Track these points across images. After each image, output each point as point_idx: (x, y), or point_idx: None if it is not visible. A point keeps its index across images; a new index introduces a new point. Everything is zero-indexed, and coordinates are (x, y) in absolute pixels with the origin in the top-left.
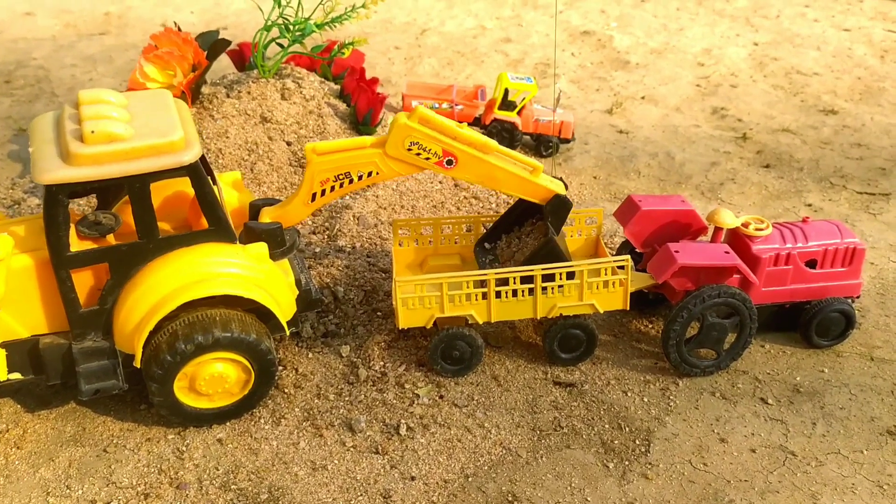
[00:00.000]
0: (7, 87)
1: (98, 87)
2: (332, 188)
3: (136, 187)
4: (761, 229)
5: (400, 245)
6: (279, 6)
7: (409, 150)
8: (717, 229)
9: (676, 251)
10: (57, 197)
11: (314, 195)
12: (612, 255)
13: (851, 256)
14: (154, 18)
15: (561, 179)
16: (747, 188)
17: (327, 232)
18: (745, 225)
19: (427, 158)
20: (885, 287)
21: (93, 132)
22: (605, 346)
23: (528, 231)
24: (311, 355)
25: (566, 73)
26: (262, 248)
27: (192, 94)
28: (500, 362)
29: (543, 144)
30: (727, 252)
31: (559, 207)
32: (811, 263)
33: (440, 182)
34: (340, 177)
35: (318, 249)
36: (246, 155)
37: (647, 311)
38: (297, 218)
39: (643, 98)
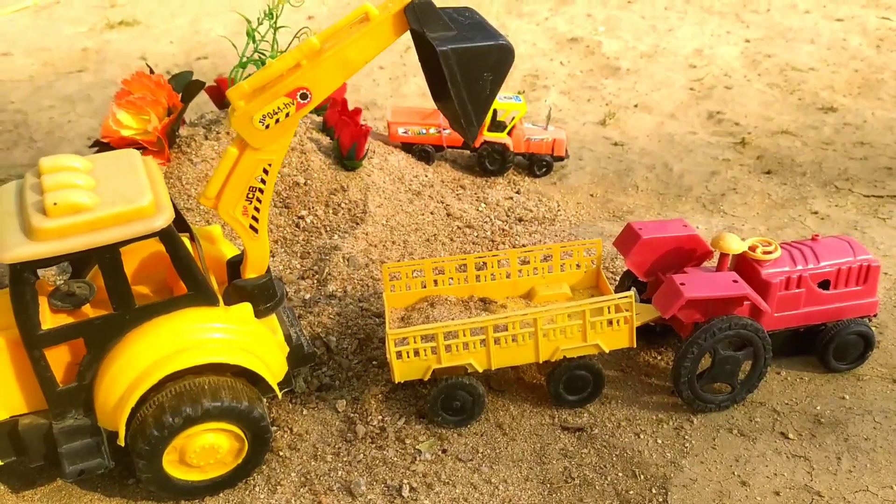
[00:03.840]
0: None
1: (75, 129)
2: (256, 209)
3: (105, 258)
4: (769, 252)
5: (392, 290)
6: (253, 41)
7: (266, 125)
8: (723, 255)
9: (682, 283)
10: (22, 275)
11: (251, 227)
12: (614, 285)
13: (866, 274)
14: (132, 52)
15: None
16: (750, 198)
17: (316, 276)
18: (752, 248)
19: (287, 115)
20: None
21: (55, 204)
22: (612, 382)
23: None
24: (305, 412)
25: (556, 83)
26: (246, 308)
27: (168, 138)
28: (504, 408)
29: (536, 164)
30: (735, 281)
31: (423, 13)
32: (824, 284)
33: (431, 213)
34: (250, 196)
35: (307, 296)
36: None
37: (654, 342)
38: (264, 256)
39: (636, 106)
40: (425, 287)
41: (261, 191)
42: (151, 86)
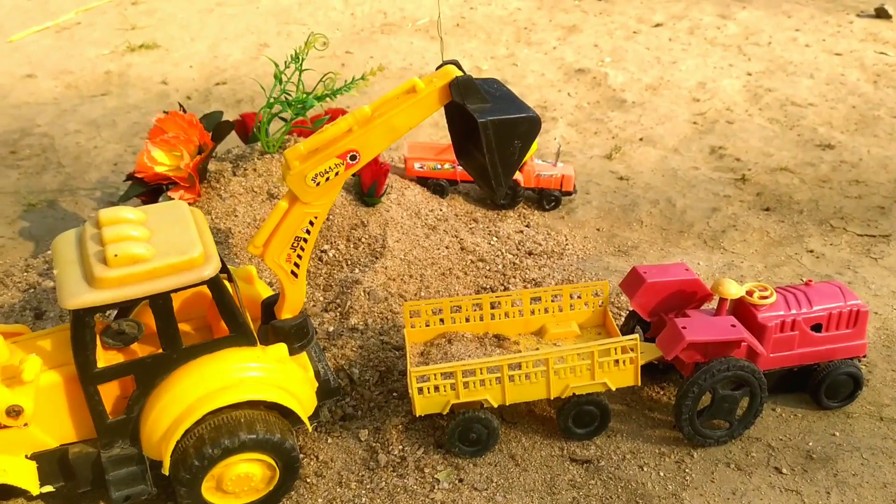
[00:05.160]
0: (13, 157)
1: (102, 155)
2: (299, 256)
3: (158, 303)
4: (765, 297)
5: (412, 327)
6: (280, 83)
7: (318, 182)
8: (722, 300)
9: (684, 327)
10: (84, 319)
11: (292, 272)
12: (619, 320)
13: (856, 318)
14: (153, 76)
15: (445, 63)
16: (749, 234)
17: (339, 309)
18: (750, 293)
19: (337, 174)
20: (890, 338)
21: (116, 255)
22: (618, 416)
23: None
24: (330, 440)
25: (564, 115)
26: (282, 349)
27: (199, 175)
28: (517, 439)
29: (546, 198)
30: (734, 325)
31: (464, 88)
32: (817, 327)
33: (446, 248)
34: (294, 245)
35: (331, 328)
36: (255, 233)
37: (657, 378)
38: (301, 298)
39: (641, 140)
40: (443, 324)
41: (305, 240)
42: (184, 125)
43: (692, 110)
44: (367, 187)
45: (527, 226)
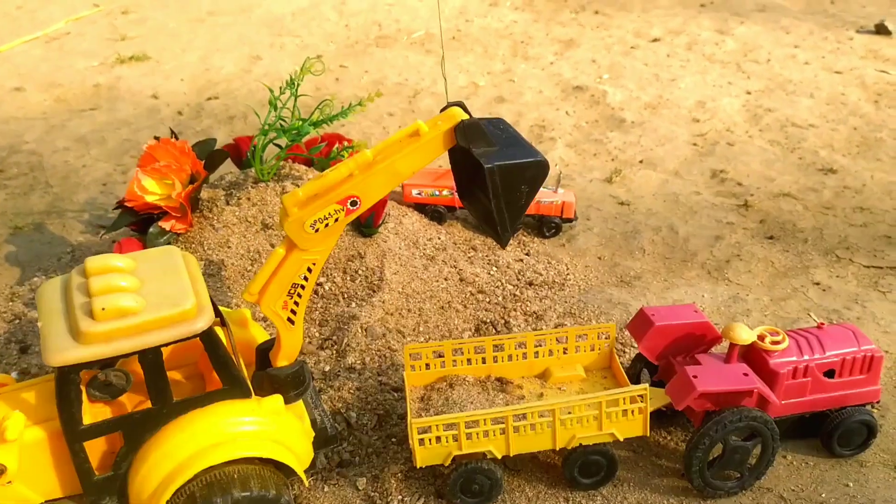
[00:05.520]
0: (0, 176)
1: (91, 174)
2: (296, 303)
3: (148, 358)
4: (777, 342)
5: (412, 370)
6: (275, 109)
7: (317, 229)
8: (733, 345)
9: (695, 376)
10: (69, 376)
11: (288, 319)
12: (623, 357)
13: (870, 364)
14: (143, 89)
15: (450, 105)
16: (754, 265)
17: (335, 346)
18: (761, 338)
19: (336, 220)
20: None
21: (103, 309)
22: (625, 463)
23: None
24: (326, 489)
25: (562, 135)
26: (277, 401)
27: (191, 204)
28: (520, 489)
29: (546, 225)
30: (746, 374)
31: (470, 132)
32: (829, 373)
33: (445, 279)
34: (291, 292)
35: (327, 368)
36: (249, 265)
37: (664, 423)
38: (297, 345)
39: (641, 162)
40: (444, 367)
41: (302, 287)
42: (175, 153)
43: (692, 131)
44: (364, 218)
45: (527, 254)
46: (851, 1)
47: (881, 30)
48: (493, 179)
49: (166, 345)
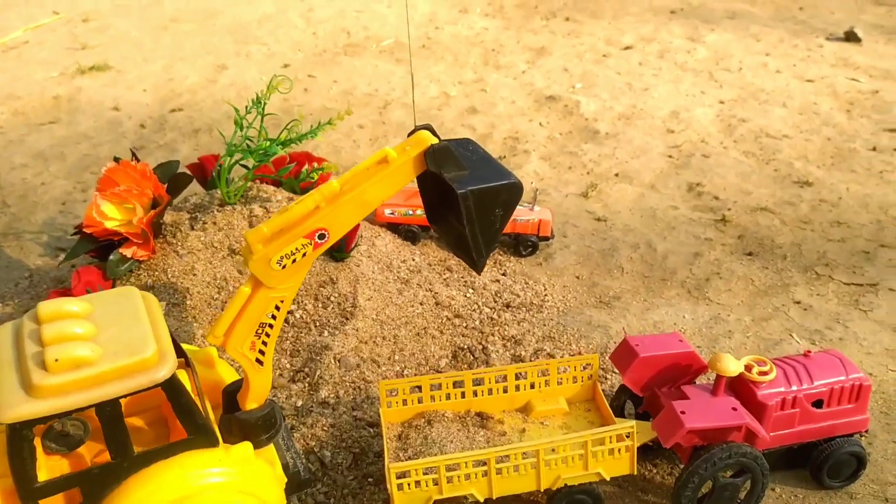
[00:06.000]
0: None
1: (49, 192)
2: (264, 343)
3: (106, 411)
4: (765, 372)
5: (388, 406)
6: (241, 129)
7: (283, 265)
8: (720, 376)
9: (682, 412)
10: (21, 433)
11: (257, 360)
12: (604, 384)
13: (858, 393)
14: (105, 101)
15: (418, 128)
16: (733, 283)
17: (307, 379)
18: (748, 368)
19: (304, 255)
20: (888, 404)
21: (57, 360)
22: (611, 499)
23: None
24: None
25: (536, 147)
26: (246, 448)
27: (154, 229)
28: None
29: (522, 244)
30: (735, 409)
31: (440, 157)
32: (818, 403)
33: (420, 304)
34: (259, 332)
35: (299, 403)
36: (215, 293)
37: (649, 455)
38: (266, 386)
39: (617, 175)
40: (422, 402)
41: (270, 326)
42: (136, 176)
43: (667, 142)
44: (336, 242)
45: (503, 274)
46: (820, 7)
47: (850, 37)
48: (466, 205)
49: (126, 396)
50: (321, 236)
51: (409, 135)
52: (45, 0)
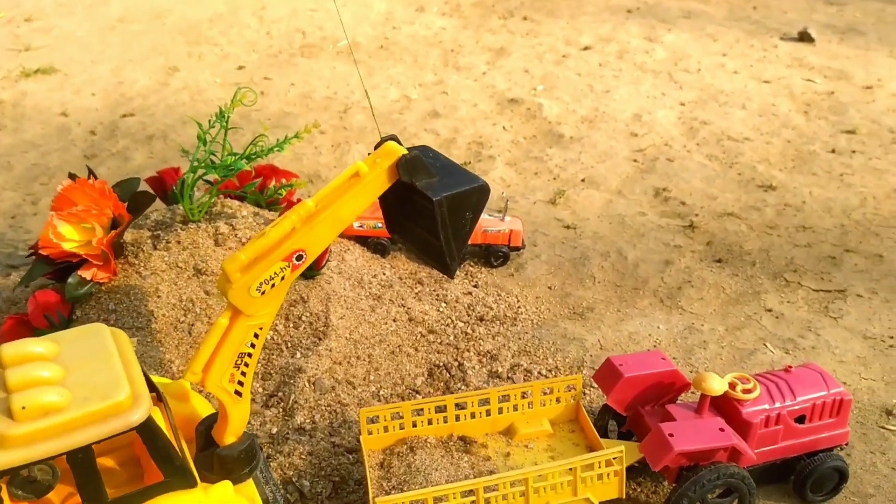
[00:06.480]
0: None
1: (0, 207)
2: (243, 373)
3: (77, 458)
4: (749, 390)
5: (369, 433)
6: (204, 144)
7: (263, 291)
8: (704, 396)
9: (671, 434)
10: None
11: (236, 392)
12: (585, 399)
13: (839, 407)
14: (52, 106)
15: (385, 139)
16: (705, 291)
17: (282, 404)
18: (732, 386)
19: (283, 279)
20: (863, 413)
21: (24, 408)
22: None
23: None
24: None
25: (501, 153)
26: (226, 488)
27: (114, 250)
28: None
29: (493, 254)
30: (722, 429)
31: (412, 167)
32: (800, 419)
33: (394, 321)
34: (238, 363)
35: (274, 430)
36: (182, 315)
37: (632, 473)
38: (245, 418)
39: (583, 181)
40: (403, 429)
41: (249, 355)
42: (94, 195)
43: (631, 146)
44: None
45: (475, 286)
46: (773, 7)
47: (804, 37)
48: (441, 211)
49: (99, 442)
50: (299, 257)
51: (376, 147)
52: None
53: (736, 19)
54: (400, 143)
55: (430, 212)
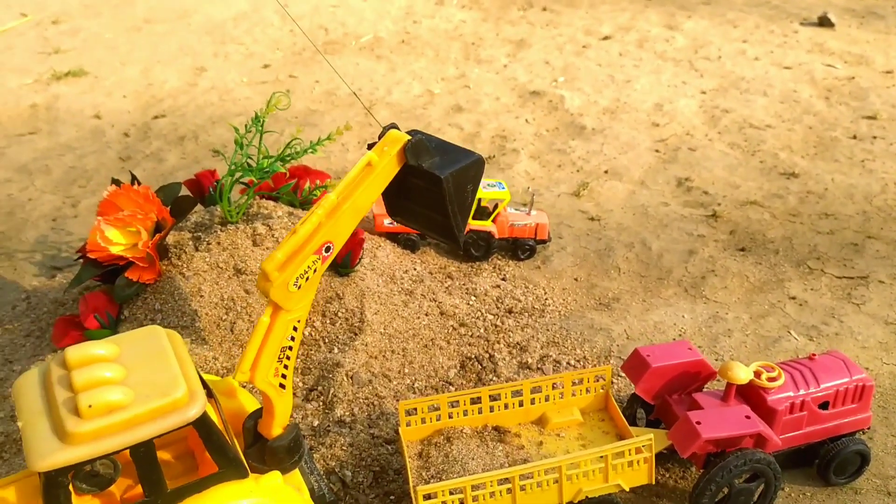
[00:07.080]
0: None
1: (38, 209)
2: (286, 366)
3: (140, 452)
4: (773, 378)
5: (407, 425)
6: (241, 148)
7: (299, 286)
8: (730, 384)
9: (698, 422)
10: (56, 480)
11: (280, 385)
12: (613, 388)
13: (861, 393)
14: (84, 109)
15: (386, 128)
16: (729, 280)
17: (322, 398)
18: (757, 374)
19: (315, 271)
20: (885, 398)
21: (90, 406)
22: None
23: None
24: None
25: (524, 146)
26: (275, 477)
27: (159, 253)
28: None
29: (520, 248)
30: (748, 417)
31: (417, 150)
32: (823, 405)
33: (426, 315)
34: (281, 357)
35: (316, 422)
36: (224, 314)
37: (660, 459)
38: (289, 409)
39: (606, 172)
40: (440, 419)
41: (290, 348)
42: (139, 200)
43: (653, 136)
44: (341, 258)
45: (503, 279)
46: None
47: (824, 22)
48: (448, 187)
49: (159, 437)
50: (327, 249)
51: (380, 136)
52: (11, 1)
53: (755, 4)
54: (399, 129)
55: (429, 191)
